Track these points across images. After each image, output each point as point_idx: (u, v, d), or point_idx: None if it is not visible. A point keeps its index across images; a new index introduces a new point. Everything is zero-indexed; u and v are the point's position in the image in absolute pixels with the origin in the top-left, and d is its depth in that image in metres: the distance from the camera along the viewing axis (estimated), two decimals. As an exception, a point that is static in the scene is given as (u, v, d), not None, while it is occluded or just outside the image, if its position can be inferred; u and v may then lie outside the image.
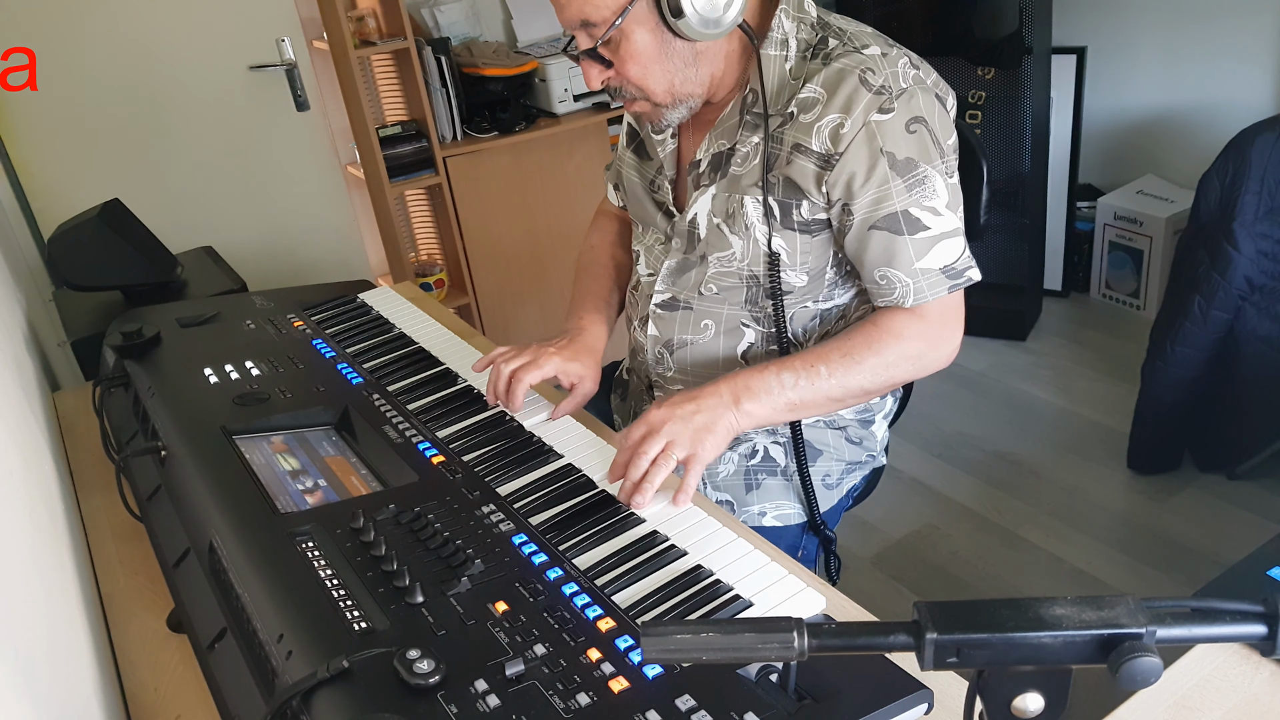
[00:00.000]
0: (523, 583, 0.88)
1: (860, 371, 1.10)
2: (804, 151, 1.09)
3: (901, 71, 1.08)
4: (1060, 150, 3.07)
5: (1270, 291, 2.11)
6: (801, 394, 1.09)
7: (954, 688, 0.78)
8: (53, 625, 0.84)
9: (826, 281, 1.19)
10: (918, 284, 1.10)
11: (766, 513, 1.26)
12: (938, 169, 1.08)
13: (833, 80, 1.08)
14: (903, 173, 1.07)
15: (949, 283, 1.10)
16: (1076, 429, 2.59)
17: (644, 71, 1.10)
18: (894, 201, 1.07)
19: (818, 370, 1.10)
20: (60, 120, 2.38)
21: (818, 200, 1.11)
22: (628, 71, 1.10)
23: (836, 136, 1.07)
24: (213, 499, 1.01)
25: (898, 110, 1.06)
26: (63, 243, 1.76)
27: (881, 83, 1.06)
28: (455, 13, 2.83)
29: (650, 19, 1.06)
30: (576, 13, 1.06)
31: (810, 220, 1.13)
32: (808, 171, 1.09)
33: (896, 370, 1.12)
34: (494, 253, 2.82)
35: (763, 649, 0.52)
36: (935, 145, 1.08)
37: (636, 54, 1.09)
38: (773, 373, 1.09)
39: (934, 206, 1.08)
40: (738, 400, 1.08)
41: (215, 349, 1.36)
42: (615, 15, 1.04)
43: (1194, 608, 0.51)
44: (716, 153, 1.18)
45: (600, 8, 1.04)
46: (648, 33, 1.07)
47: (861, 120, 1.06)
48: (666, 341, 1.28)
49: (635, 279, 1.34)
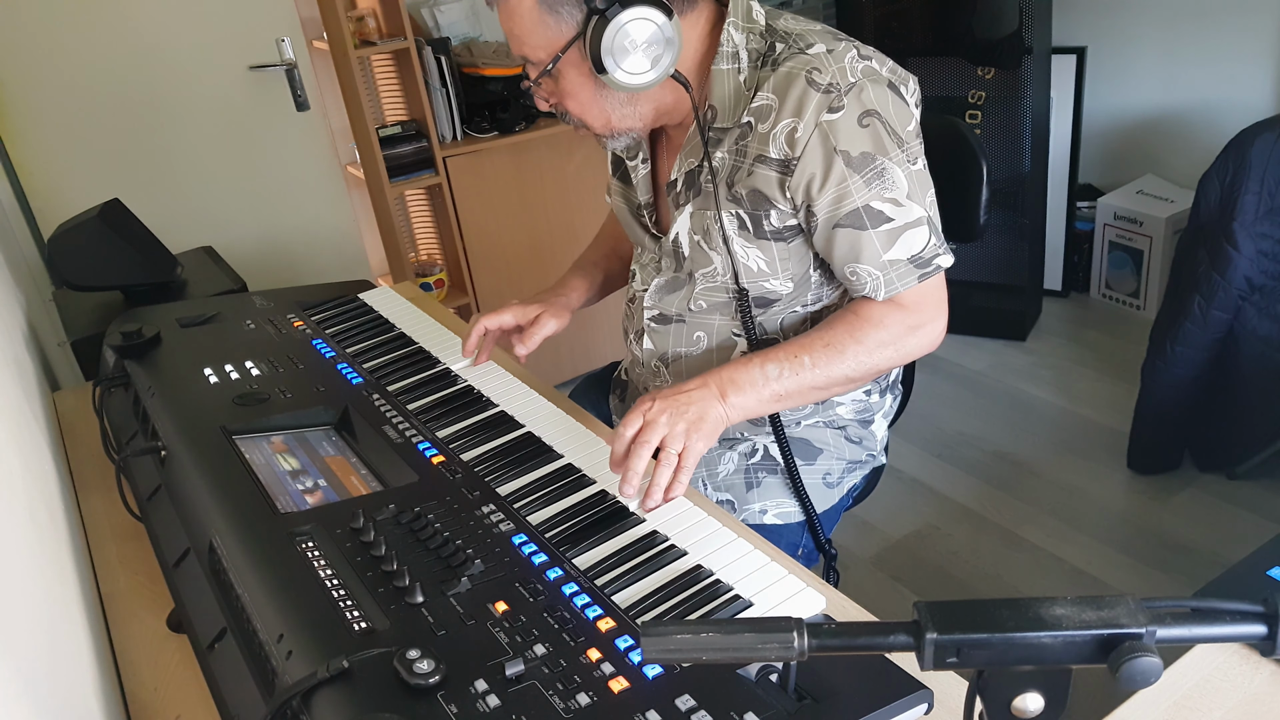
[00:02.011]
0: (523, 583, 0.88)
1: (843, 360, 1.12)
2: (765, 161, 1.10)
3: (849, 66, 1.07)
4: (1060, 150, 3.07)
5: (1270, 291, 2.11)
6: (786, 385, 1.11)
7: (954, 688, 0.78)
8: (53, 625, 0.84)
9: (813, 284, 1.19)
10: (887, 276, 1.10)
11: (767, 511, 1.26)
12: (895, 160, 1.07)
13: (782, 84, 1.08)
14: (859, 168, 1.07)
15: (918, 272, 1.11)
16: (1076, 429, 2.59)
17: (581, 107, 1.14)
18: (854, 198, 1.07)
19: (801, 361, 1.11)
20: (60, 120, 2.38)
21: (785, 207, 1.11)
22: (567, 105, 1.15)
23: (792, 141, 1.07)
24: (213, 499, 1.01)
25: (848, 106, 1.06)
26: (63, 243, 1.77)
27: (829, 80, 1.06)
28: (455, 13, 2.83)
29: (584, 65, 1.08)
30: (517, 48, 1.11)
31: (782, 228, 1.13)
32: (771, 179, 1.10)
33: (878, 357, 1.13)
34: (494, 253, 2.82)
35: (763, 649, 0.52)
36: (891, 136, 1.07)
37: (573, 92, 1.13)
38: (757, 365, 1.10)
39: (894, 198, 1.08)
40: (724, 394, 1.08)
41: (215, 349, 1.36)
42: (549, 59, 1.09)
43: (1194, 608, 0.51)
44: (689, 171, 1.19)
45: (535, 49, 1.09)
46: (581, 76, 1.10)
47: (814, 121, 1.06)
48: (662, 355, 1.29)
49: (631, 293, 1.36)
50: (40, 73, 2.33)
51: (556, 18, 1.06)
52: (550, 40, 1.07)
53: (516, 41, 1.10)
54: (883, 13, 3.08)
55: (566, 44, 1.07)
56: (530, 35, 1.08)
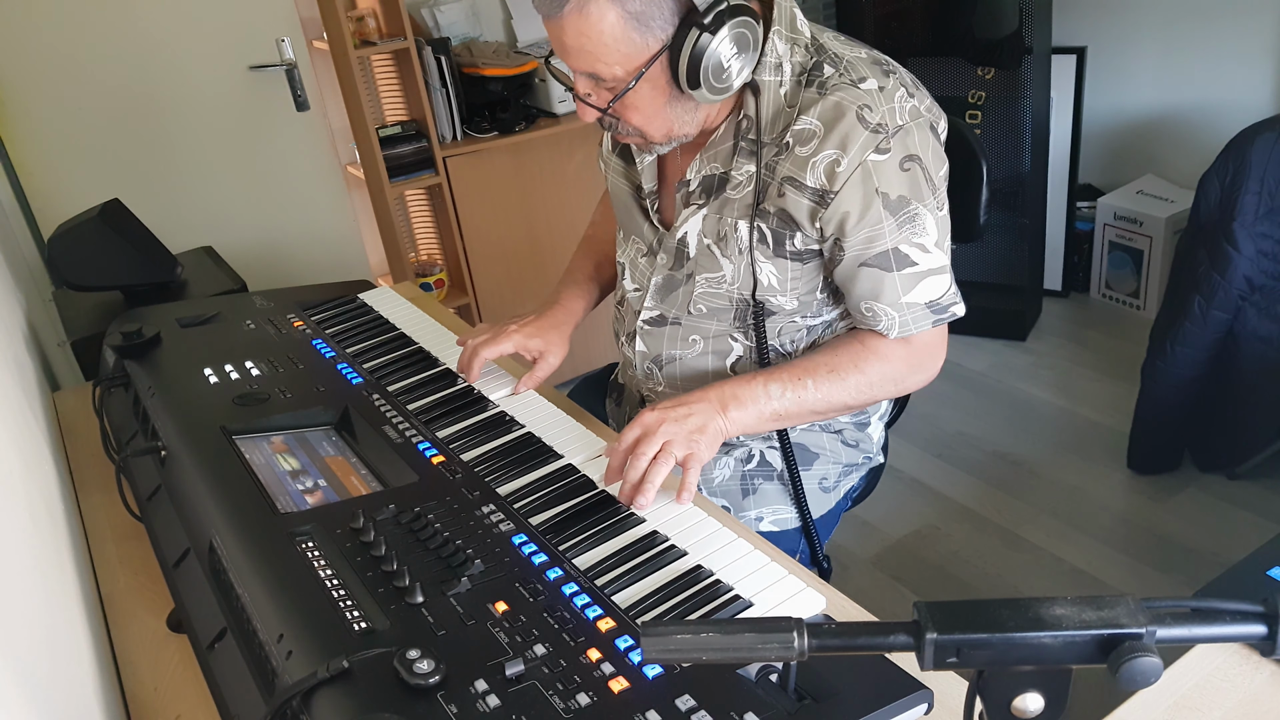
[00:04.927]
0: (523, 583, 0.88)
1: (844, 388, 1.13)
2: (798, 186, 1.08)
3: (899, 106, 1.06)
4: (1060, 150, 3.07)
5: (1270, 291, 2.11)
6: (786, 405, 1.11)
7: (954, 688, 0.78)
8: (53, 625, 0.84)
9: (816, 302, 1.19)
10: (903, 317, 1.11)
11: (764, 518, 1.26)
12: (929, 206, 1.08)
13: (829, 115, 1.05)
14: (895, 211, 1.06)
15: (933, 317, 1.11)
16: (1076, 429, 2.59)
17: (646, 119, 1.09)
18: (885, 240, 1.07)
19: (804, 384, 1.11)
20: (60, 120, 2.38)
21: (811, 234, 1.11)
22: (629, 117, 1.09)
23: (832, 174, 1.05)
24: (213, 499, 1.01)
25: (894, 149, 1.05)
26: (63, 243, 1.77)
27: (879, 120, 1.04)
28: (455, 13, 2.83)
29: (662, 78, 1.04)
30: (586, 65, 1.03)
31: (803, 250, 1.13)
32: (802, 206, 1.09)
33: (878, 390, 1.15)
34: (494, 253, 2.82)
35: (763, 649, 0.52)
36: (928, 182, 1.07)
37: (641, 107, 1.08)
38: (760, 383, 1.11)
39: (923, 243, 1.08)
40: (725, 408, 1.09)
41: (215, 349, 1.36)
42: (628, 76, 1.03)
43: (1194, 608, 0.51)
44: (708, 175, 1.16)
45: (610, 65, 1.02)
46: (656, 90, 1.05)
47: (858, 159, 1.04)
48: (655, 357, 1.28)
49: (620, 294, 1.34)
50: (40, 73, 2.33)
51: (644, 31, 1.00)
52: (631, 56, 1.01)
53: (587, 58, 1.01)
54: (883, 13, 3.07)
55: (651, 59, 1.01)
56: (608, 52, 1.00)
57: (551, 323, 1.33)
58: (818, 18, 3.42)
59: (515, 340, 1.29)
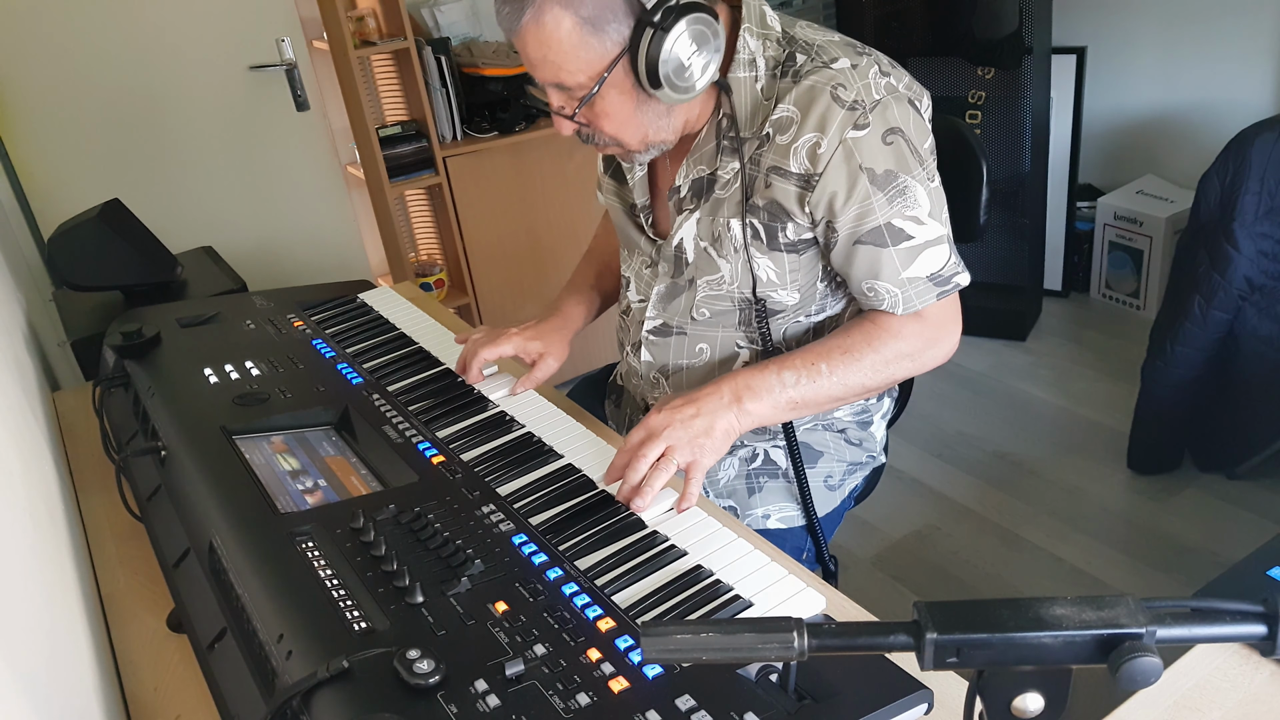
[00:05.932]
0: (523, 583, 0.88)
1: (860, 369, 1.11)
2: (782, 174, 1.08)
3: (873, 83, 1.06)
4: (1060, 150, 3.07)
5: (1270, 291, 2.11)
6: (803, 392, 1.10)
7: (954, 688, 0.78)
8: (53, 625, 0.84)
9: (818, 294, 1.19)
10: (906, 293, 1.10)
11: (770, 515, 1.26)
12: (918, 177, 1.07)
13: (805, 99, 1.06)
14: (883, 186, 1.06)
15: (937, 290, 1.10)
16: (1076, 429, 2.59)
17: (618, 126, 1.09)
18: (876, 215, 1.07)
19: (819, 368, 1.10)
20: (60, 120, 2.39)
21: (802, 221, 1.10)
22: (602, 126, 1.10)
23: (814, 156, 1.05)
24: (213, 499, 1.01)
25: (873, 124, 1.05)
26: (63, 243, 1.77)
27: (854, 97, 1.04)
28: (455, 13, 2.83)
29: (625, 82, 1.05)
30: (550, 75, 1.04)
31: (797, 240, 1.12)
32: (789, 193, 1.09)
33: (895, 368, 1.13)
34: (494, 253, 2.82)
35: (763, 649, 0.52)
36: (913, 154, 1.07)
37: (611, 113, 1.08)
38: (774, 371, 1.09)
39: (916, 216, 1.08)
40: (739, 399, 1.08)
41: (215, 349, 1.36)
42: (592, 83, 1.04)
43: (1194, 608, 0.51)
44: (696, 178, 1.16)
45: (574, 73, 1.03)
46: (622, 94, 1.06)
47: (838, 138, 1.04)
48: (662, 367, 1.28)
49: (625, 304, 1.34)
50: (40, 73, 2.33)
51: (600, 37, 1.00)
52: (592, 62, 1.02)
53: (550, 68, 1.03)
54: (883, 13, 3.07)
55: (611, 63, 1.02)
56: (569, 60, 1.01)
57: (552, 328, 1.34)
58: (818, 18, 3.42)
59: (515, 342, 1.30)
